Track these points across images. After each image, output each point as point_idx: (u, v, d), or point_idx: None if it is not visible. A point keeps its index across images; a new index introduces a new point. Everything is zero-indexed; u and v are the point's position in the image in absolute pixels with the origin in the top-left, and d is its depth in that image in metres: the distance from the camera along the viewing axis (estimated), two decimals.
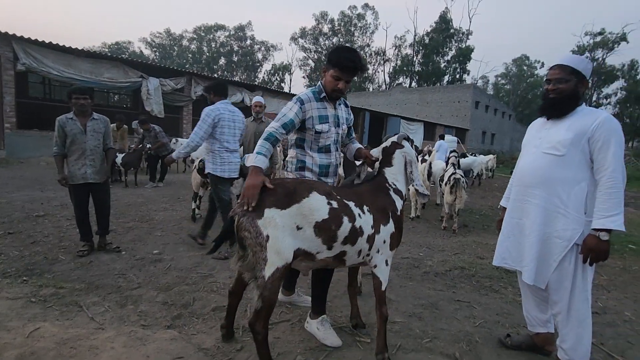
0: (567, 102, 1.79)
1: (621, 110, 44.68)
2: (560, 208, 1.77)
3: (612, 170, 1.65)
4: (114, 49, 46.73)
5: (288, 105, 1.96)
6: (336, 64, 1.90)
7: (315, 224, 1.63)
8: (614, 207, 1.62)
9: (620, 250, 4.32)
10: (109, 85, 11.22)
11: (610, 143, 1.67)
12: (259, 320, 1.61)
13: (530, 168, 1.88)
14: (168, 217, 4.79)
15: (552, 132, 1.83)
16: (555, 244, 1.78)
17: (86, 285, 2.61)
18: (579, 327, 1.77)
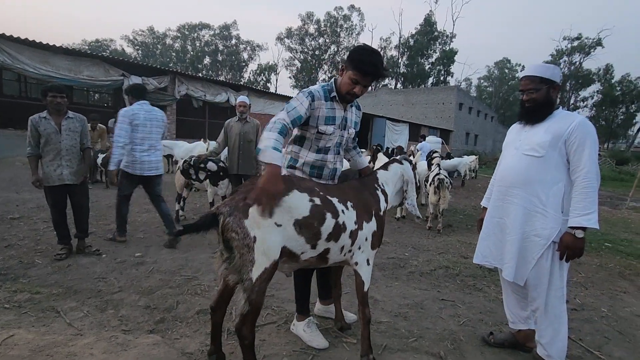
0: (542, 109, 1.89)
1: (597, 112, 46.33)
2: (539, 207, 1.84)
3: (587, 171, 1.74)
4: (94, 46, 45.51)
5: (298, 99, 1.78)
6: (357, 66, 1.75)
7: (295, 221, 1.59)
8: (588, 206, 1.70)
9: (597, 248, 4.46)
10: (88, 83, 10.90)
11: (585, 145, 1.75)
12: (246, 324, 1.56)
13: (511, 169, 1.94)
14: (151, 219, 4.68)
15: (531, 135, 1.91)
16: (534, 242, 1.84)
17: (64, 289, 2.52)
18: (555, 323, 1.84)
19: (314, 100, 1.81)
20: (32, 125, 3.04)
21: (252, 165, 4.17)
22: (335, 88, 1.87)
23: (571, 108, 48.49)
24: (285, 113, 1.72)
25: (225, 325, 2.14)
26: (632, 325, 2.52)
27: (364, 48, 1.80)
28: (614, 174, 17.38)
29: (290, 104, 1.76)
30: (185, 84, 12.95)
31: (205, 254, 3.46)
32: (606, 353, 2.13)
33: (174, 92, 12.68)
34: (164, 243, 3.68)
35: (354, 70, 1.76)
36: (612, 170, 18.41)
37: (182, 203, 4.76)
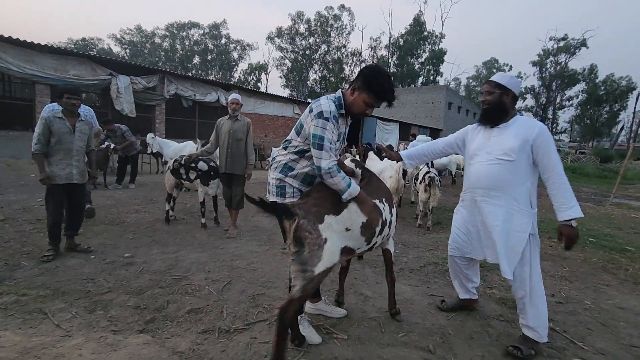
0: (494, 111, 2.12)
1: (582, 111, 47.35)
2: (516, 206, 2.05)
3: (559, 170, 1.96)
4: (80, 45, 44.66)
5: (328, 128, 1.75)
6: (377, 94, 1.80)
7: (361, 225, 1.83)
8: (571, 199, 1.93)
9: (582, 243, 4.57)
10: (75, 83, 10.69)
11: (551, 147, 1.98)
12: (291, 307, 1.64)
13: (487, 173, 2.11)
14: (140, 220, 4.64)
15: (501, 140, 2.09)
16: (517, 237, 2.04)
17: (51, 291, 2.48)
18: (540, 305, 2.06)
19: (337, 124, 1.84)
20: (46, 123, 3.07)
21: (242, 165, 4.09)
22: (342, 103, 1.87)
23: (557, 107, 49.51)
24: (328, 152, 1.74)
25: (215, 325, 2.16)
26: (614, 317, 2.60)
27: (382, 74, 1.82)
28: (598, 171, 17.76)
29: (326, 137, 1.74)
30: (175, 83, 12.82)
31: (195, 253, 3.45)
32: (589, 344, 2.19)
33: (163, 91, 12.54)
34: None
35: (372, 95, 1.80)
36: (597, 167, 18.82)
37: (172, 203, 4.72)
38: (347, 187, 1.75)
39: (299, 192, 1.95)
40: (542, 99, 49.87)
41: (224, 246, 3.74)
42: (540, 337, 2.04)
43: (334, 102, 1.83)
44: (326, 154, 1.73)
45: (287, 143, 1.97)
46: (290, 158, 1.94)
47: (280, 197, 1.95)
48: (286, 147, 1.96)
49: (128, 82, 11.38)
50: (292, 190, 1.95)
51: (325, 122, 1.74)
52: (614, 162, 21.81)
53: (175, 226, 4.45)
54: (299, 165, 1.93)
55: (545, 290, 3.00)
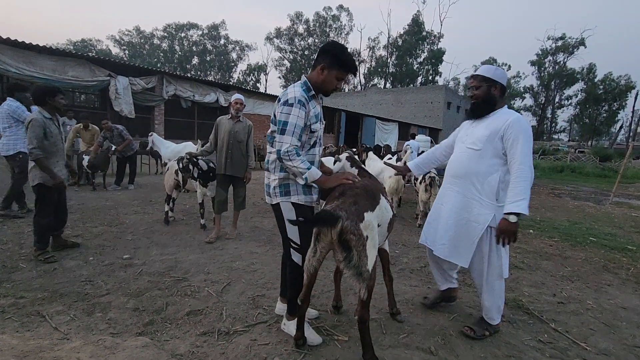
0: (483, 105, 2.12)
1: (581, 110, 47.37)
2: (476, 196, 2.08)
3: (520, 163, 1.93)
4: (79, 46, 44.66)
5: (293, 113, 1.77)
6: (344, 66, 1.88)
7: (388, 220, 1.98)
8: (519, 194, 1.89)
9: (583, 243, 4.56)
10: (74, 84, 10.67)
11: (519, 140, 1.94)
12: (365, 308, 1.74)
13: (456, 161, 2.19)
14: (139, 221, 4.61)
15: (474, 130, 2.14)
16: (473, 227, 2.09)
17: (49, 293, 2.46)
18: (497, 298, 2.15)
19: (306, 107, 1.84)
20: (42, 126, 3.02)
21: (242, 167, 3.98)
22: (310, 86, 1.92)
23: (556, 106, 49.55)
24: (290, 136, 1.77)
25: (215, 327, 2.14)
26: (617, 316, 2.58)
27: (345, 48, 1.93)
28: (597, 170, 17.73)
29: (289, 121, 1.77)
30: (174, 84, 12.79)
31: (194, 254, 3.43)
32: (592, 345, 2.18)
33: (162, 92, 12.51)
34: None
35: (341, 70, 1.89)
36: (596, 167, 18.80)
37: (171, 204, 4.70)
38: (307, 169, 1.79)
39: (302, 188, 1.94)
40: (541, 99, 49.91)
41: (223, 247, 3.72)
42: (492, 320, 2.18)
43: (303, 88, 1.88)
44: (287, 137, 1.77)
45: (271, 139, 1.95)
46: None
47: (285, 196, 1.93)
48: (272, 144, 1.93)
49: (127, 83, 11.36)
50: (295, 187, 1.94)
51: (290, 108, 1.78)
52: (613, 161, 21.78)
53: (175, 227, 4.43)
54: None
55: (546, 289, 3.02)
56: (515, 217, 1.89)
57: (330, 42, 1.95)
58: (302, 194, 1.95)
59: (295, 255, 1.99)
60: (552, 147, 32.05)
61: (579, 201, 8.73)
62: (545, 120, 50.71)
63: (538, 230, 5.17)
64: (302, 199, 1.94)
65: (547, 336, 2.25)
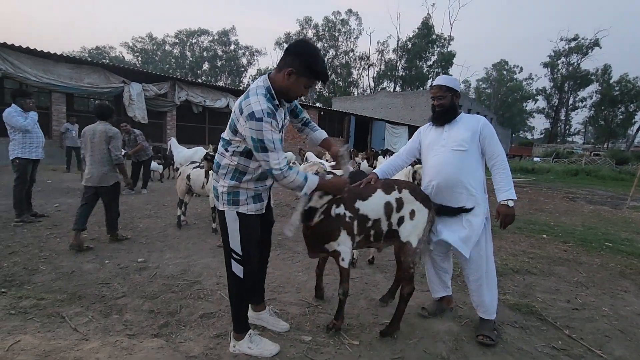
0: (449, 112, 2.29)
1: (596, 112, 46.42)
2: (472, 192, 2.21)
3: (502, 156, 2.19)
4: (94, 53, 45.83)
5: (264, 128, 1.58)
6: (316, 75, 1.70)
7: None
8: (509, 182, 2.16)
9: (598, 248, 4.47)
10: (89, 90, 10.99)
11: (494, 137, 2.22)
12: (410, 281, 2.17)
13: (445, 164, 2.25)
14: (152, 225, 4.71)
15: (453, 134, 2.26)
16: (475, 221, 2.19)
17: (68, 295, 2.54)
18: (492, 287, 2.25)
19: (275, 118, 1.65)
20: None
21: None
22: (273, 93, 1.70)
23: (570, 108, 48.64)
24: (273, 152, 1.61)
25: (228, 329, 2.17)
26: (633, 324, 2.53)
27: (318, 55, 1.69)
28: (614, 173, 17.33)
29: (264, 138, 1.58)
30: (185, 89, 13.04)
31: (206, 258, 3.48)
32: (607, 352, 2.14)
33: (174, 98, 12.77)
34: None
35: (312, 79, 1.70)
36: (612, 170, 18.37)
37: (183, 208, 4.79)
38: (305, 181, 1.70)
39: (253, 194, 1.82)
40: (554, 101, 49.08)
41: None
42: (492, 315, 2.26)
43: (268, 98, 1.65)
44: (272, 154, 1.60)
45: (226, 144, 1.77)
46: (238, 162, 1.75)
47: (233, 205, 1.79)
48: (227, 149, 1.76)
49: (140, 90, 11.63)
50: (246, 197, 1.81)
51: (260, 124, 1.56)
52: (630, 164, 21.26)
53: (187, 231, 4.51)
54: (250, 166, 1.77)
55: (560, 295, 2.98)
56: (512, 202, 2.14)
57: (301, 44, 1.71)
58: (252, 204, 1.82)
59: (235, 267, 1.83)
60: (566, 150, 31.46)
61: (595, 205, 8.56)
62: (558, 123, 49.82)
63: (552, 235, 5.09)
64: (251, 208, 1.82)
65: (561, 343, 2.22)
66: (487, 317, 2.26)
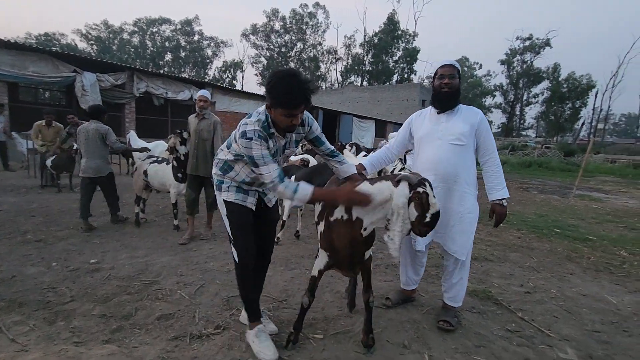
0: (457, 95, 2.17)
1: (547, 108, 49.50)
2: (467, 188, 2.15)
3: (496, 153, 2.16)
4: (42, 40, 42.29)
5: (254, 146, 1.65)
6: (285, 104, 1.62)
7: None
8: (503, 181, 2.13)
9: (548, 234, 4.78)
10: (35, 80, 10.13)
11: (490, 133, 2.16)
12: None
13: (443, 158, 2.14)
14: (108, 223, 4.43)
15: (451, 126, 2.15)
16: (469, 219, 2.17)
17: (6, 303, 2.31)
18: (465, 277, 2.29)
19: (267, 142, 1.72)
20: None
21: (208, 166, 3.80)
22: (270, 122, 1.75)
23: (524, 104, 51.58)
24: (264, 166, 1.67)
25: (187, 330, 2.08)
26: (578, 304, 2.72)
27: (283, 81, 1.61)
28: (562, 165, 18.61)
29: (254, 155, 1.66)
30: (145, 80, 12.37)
31: (166, 257, 3.33)
32: (555, 331, 2.28)
33: (133, 89, 12.08)
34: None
35: (283, 108, 1.63)
36: (561, 161, 19.73)
37: (142, 205, 4.54)
38: (294, 193, 1.67)
39: (235, 185, 1.92)
40: (510, 96, 51.81)
41: (197, 248, 3.63)
42: (459, 303, 2.31)
43: (261, 125, 1.71)
44: (264, 167, 1.68)
45: (229, 143, 1.89)
46: (229, 158, 1.89)
47: (218, 190, 1.96)
48: (229, 147, 1.89)
49: (94, 80, 10.88)
50: (228, 185, 1.93)
51: (249, 142, 1.66)
52: (576, 156, 22.94)
53: (146, 229, 4.29)
54: (237, 166, 1.89)
55: (514, 280, 3.13)
56: (506, 201, 2.12)
57: (269, 77, 1.67)
58: (234, 192, 1.92)
59: (233, 251, 1.92)
60: (520, 143, 33.36)
61: (546, 195, 9.15)
62: (514, 117, 52.70)
63: (507, 223, 5.37)
64: (231, 196, 1.91)
65: (514, 325, 2.34)
66: (454, 304, 2.30)
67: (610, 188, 11.25)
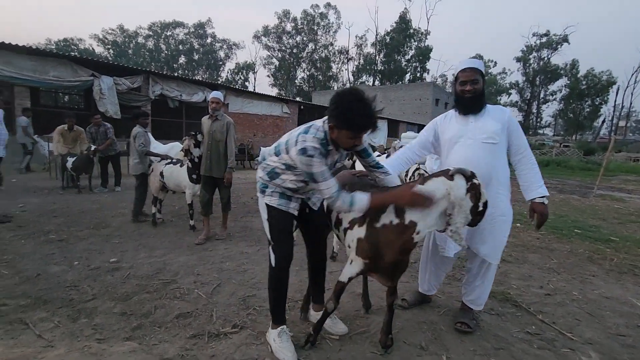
0: (481, 99, 2.09)
1: (565, 105, 48.31)
2: (500, 189, 2.06)
3: (529, 150, 2.08)
4: (61, 46, 43.56)
5: (314, 163, 1.65)
6: (352, 128, 1.64)
7: None
8: (541, 178, 2.04)
9: (568, 235, 4.65)
10: (55, 84, 10.43)
11: (520, 130, 2.09)
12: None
13: (475, 158, 2.02)
14: (126, 223, 4.53)
15: (481, 125, 2.06)
16: (502, 221, 2.08)
17: (32, 300, 2.40)
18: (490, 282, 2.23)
19: (324, 157, 1.73)
20: None
21: (221, 167, 3.90)
22: (328, 140, 1.75)
23: (541, 102, 50.43)
24: (323, 182, 1.68)
25: (205, 329, 2.11)
26: (601, 306, 2.64)
27: (352, 105, 1.61)
28: (581, 164, 18.11)
29: (314, 172, 1.66)
30: (160, 83, 12.60)
31: (183, 256, 3.38)
32: (577, 334, 2.22)
33: (148, 92, 12.31)
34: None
35: (349, 130, 1.65)
36: (580, 160, 19.20)
37: (158, 205, 4.63)
38: (350, 206, 1.69)
39: (280, 191, 1.92)
40: (527, 94, 50.73)
41: (213, 248, 3.68)
42: (481, 306, 2.26)
43: (320, 141, 1.70)
44: (323, 183, 1.69)
45: (277, 151, 1.88)
46: (278, 166, 1.88)
47: (262, 193, 1.96)
48: (277, 154, 1.88)
49: (111, 83, 11.14)
50: (272, 190, 1.93)
51: (310, 159, 1.66)
52: (596, 155, 22.29)
53: (163, 229, 4.37)
54: (285, 176, 1.88)
55: (533, 282, 3.07)
56: (547, 199, 2.03)
57: (335, 97, 1.68)
58: (277, 198, 1.91)
59: (270, 254, 1.93)
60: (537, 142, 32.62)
61: (565, 194, 8.91)
62: (530, 116, 51.58)
63: (525, 224, 5.26)
64: (274, 201, 1.91)
65: (534, 327, 2.29)
66: (475, 307, 2.25)
67: (633, 187, 10.88)
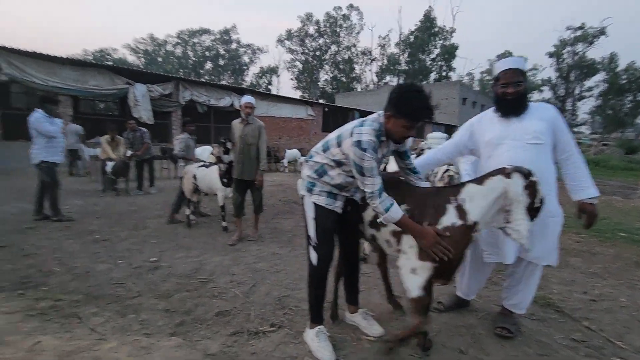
0: (524, 100, 2.01)
1: (603, 102, 45.70)
2: (548, 190, 1.94)
3: (578, 150, 2.01)
4: (97, 56, 45.99)
5: (366, 158, 1.70)
6: (410, 116, 1.70)
7: None
8: (590, 177, 1.99)
9: (612, 238, 4.41)
10: (95, 93, 11.05)
11: (566, 128, 2.00)
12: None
13: (521, 160, 1.90)
14: (162, 224, 4.73)
15: (525, 125, 1.99)
16: (553, 223, 2.03)
17: (84, 296, 2.56)
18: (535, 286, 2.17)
19: (376, 152, 1.76)
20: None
21: (253, 170, 4.00)
22: (383, 131, 1.81)
23: (576, 98, 47.98)
24: (370, 177, 1.73)
25: (244, 327, 2.18)
26: None
27: (412, 95, 1.69)
28: (623, 163, 17.12)
29: (364, 166, 1.71)
30: (189, 89, 13.06)
31: (218, 257, 3.49)
32: (627, 342, 2.11)
33: (179, 98, 12.79)
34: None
35: (407, 119, 1.71)
36: (622, 159, 18.12)
37: (192, 207, 4.80)
38: (385, 211, 1.72)
39: (327, 189, 1.95)
40: (560, 91, 48.43)
41: (246, 249, 3.78)
42: (523, 310, 2.19)
43: (375, 133, 1.75)
44: (368, 179, 1.73)
45: (326, 147, 1.93)
46: (327, 162, 1.92)
47: (308, 192, 1.97)
48: (325, 150, 1.93)
49: (145, 90, 11.66)
50: (319, 189, 1.95)
51: (363, 154, 1.70)
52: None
53: (197, 230, 4.52)
54: (333, 172, 1.92)
55: (576, 287, 2.94)
56: (596, 200, 1.99)
57: (396, 87, 1.77)
58: (324, 197, 1.95)
59: (311, 253, 1.96)
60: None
61: (606, 196, 8.44)
62: (565, 113, 49.16)
63: (565, 226, 5.00)
64: (322, 200, 1.94)
65: (580, 334, 2.19)
66: (517, 311, 2.19)
67: None
